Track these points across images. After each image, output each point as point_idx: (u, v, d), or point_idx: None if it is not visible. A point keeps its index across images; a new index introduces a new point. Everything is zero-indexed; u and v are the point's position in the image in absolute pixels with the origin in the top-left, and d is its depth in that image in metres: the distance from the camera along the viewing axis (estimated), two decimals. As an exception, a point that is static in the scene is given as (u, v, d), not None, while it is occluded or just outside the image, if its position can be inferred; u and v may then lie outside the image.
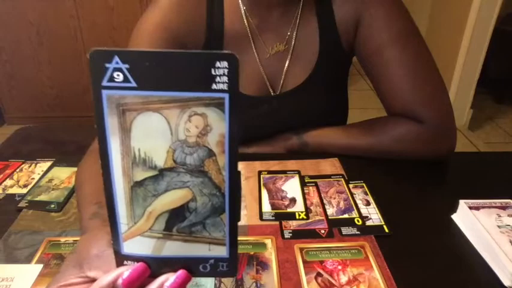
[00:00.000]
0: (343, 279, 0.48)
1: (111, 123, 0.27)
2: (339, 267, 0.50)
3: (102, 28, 2.31)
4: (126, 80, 0.26)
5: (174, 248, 0.31)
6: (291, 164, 0.71)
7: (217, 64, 0.25)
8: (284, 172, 0.69)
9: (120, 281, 0.31)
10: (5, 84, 2.43)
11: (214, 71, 0.25)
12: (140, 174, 0.29)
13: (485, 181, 0.70)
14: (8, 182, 0.68)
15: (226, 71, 0.25)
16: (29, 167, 0.72)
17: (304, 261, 0.51)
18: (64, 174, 0.69)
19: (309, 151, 0.75)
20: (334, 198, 0.63)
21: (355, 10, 0.71)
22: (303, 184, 0.66)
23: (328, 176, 0.68)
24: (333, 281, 0.48)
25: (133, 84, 0.26)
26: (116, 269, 0.32)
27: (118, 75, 0.26)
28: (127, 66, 0.26)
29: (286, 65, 0.75)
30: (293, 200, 0.62)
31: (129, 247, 0.31)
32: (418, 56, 0.71)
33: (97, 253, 0.34)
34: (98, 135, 0.28)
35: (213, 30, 0.70)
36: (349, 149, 0.73)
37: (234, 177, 0.29)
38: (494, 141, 2.47)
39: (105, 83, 0.26)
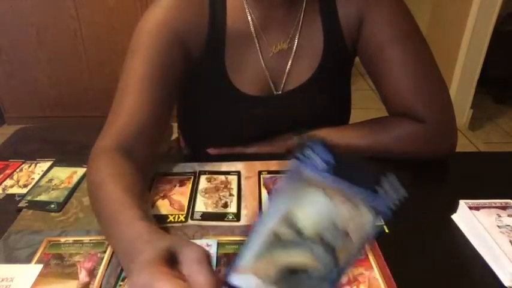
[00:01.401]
0: (343, 279, 0.48)
1: (292, 187, 0.35)
2: (339, 267, 0.50)
3: (102, 28, 2.30)
4: (326, 170, 0.34)
5: None
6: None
7: (394, 182, 0.34)
8: (284, 172, 0.68)
9: None
10: (5, 84, 2.43)
11: (387, 186, 0.34)
12: (286, 233, 0.34)
13: (485, 181, 0.70)
14: (8, 182, 0.68)
15: (397, 193, 0.34)
16: (29, 167, 0.72)
17: (304, 261, 0.50)
18: (64, 174, 0.69)
19: (309, 151, 0.75)
20: (334, 198, 0.62)
21: (358, 9, 0.71)
22: (303, 184, 0.66)
23: (328, 176, 0.68)
24: (333, 281, 0.48)
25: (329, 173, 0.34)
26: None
27: (321, 163, 0.34)
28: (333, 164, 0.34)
29: (289, 64, 0.74)
30: (293, 200, 0.62)
31: (237, 279, 0.33)
32: (420, 55, 0.71)
33: (198, 261, 0.35)
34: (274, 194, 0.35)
35: (215, 28, 0.70)
36: (350, 149, 0.73)
37: (351, 264, 0.33)
38: (494, 141, 2.47)
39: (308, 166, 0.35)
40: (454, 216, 0.59)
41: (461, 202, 0.58)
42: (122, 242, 0.43)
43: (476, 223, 0.54)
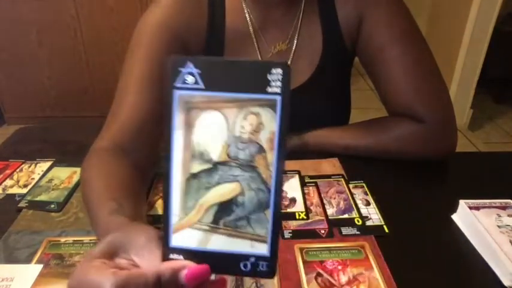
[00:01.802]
0: (343, 279, 0.48)
1: (178, 119, 0.31)
2: (339, 267, 0.50)
3: (102, 28, 2.30)
4: (196, 82, 0.31)
5: (219, 243, 0.32)
6: (291, 164, 0.71)
7: (273, 71, 0.30)
8: (284, 172, 0.68)
9: (184, 273, 0.31)
10: (5, 84, 2.43)
11: (270, 77, 0.30)
12: (196, 167, 0.32)
13: (485, 181, 0.70)
14: (8, 182, 0.68)
15: (280, 76, 0.30)
16: (29, 167, 0.72)
17: (304, 261, 0.51)
18: (64, 174, 0.69)
19: (309, 151, 0.75)
20: (334, 198, 0.63)
21: (358, 9, 0.71)
22: (303, 184, 0.66)
23: (328, 176, 0.68)
24: (333, 281, 0.48)
25: (202, 86, 0.31)
26: (178, 261, 0.32)
27: (190, 78, 0.31)
28: (199, 71, 0.31)
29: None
30: (293, 200, 0.62)
31: (177, 240, 0.32)
32: (419, 55, 0.71)
33: (145, 241, 0.34)
34: (164, 129, 0.32)
35: (214, 29, 0.70)
36: (350, 149, 0.73)
37: (280, 174, 0.31)
38: (494, 141, 2.47)
39: (178, 84, 0.31)
40: (454, 216, 0.59)
41: (461, 202, 0.58)
42: (96, 237, 0.44)
43: (476, 223, 0.54)
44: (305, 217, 0.58)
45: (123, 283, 0.29)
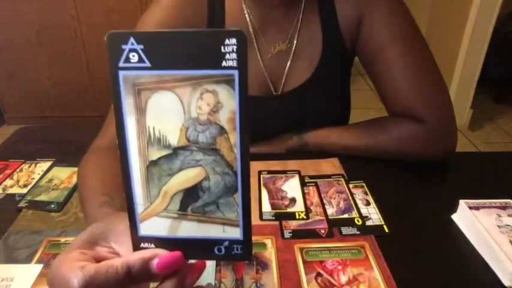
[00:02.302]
0: (343, 279, 0.48)
1: (128, 103, 0.28)
2: (339, 267, 0.50)
3: (102, 28, 2.29)
4: (141, 60, 0.27)
5: (190, 229, 0.31)
6: (291, 164, 0.71)
7: (227, 41, 0.26)
8: (284, 172, 0.69)
9: (155, 262, 0.30)
10: (5, 84, 2.43)
11: (224, 49, 0.26)
12: (155, 154, 0.30)
13: (485, 181, 0.70)
14: (8, 182, 0.68)
15: (235, 48, 0.26)
16: (29, 167, 0.72)
17: (304, 261, 0.51)
18: (64, 174, 0.69)
19: (309, 151, 0.75)
20: (334, 198, 0.63)
21: (357, 9, 0.71)
22: (303, 184, 0.66)
23: (328, 176, 0.68)
24: (333, 281, 0.48)
25: (148, 64, 0.27)
26: (148, 250, 0.31)
27: (133, 56, 0.27)
28: (141, 47, 0.27)
29: (288, 65, 0.75)
30: (293, 200, 0.62)
31: (146, 229, 0.31)
32: (419, 55, 0.71)
33: (124, 229, 0.33)
34: (114, 115, 0.29)
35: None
36: (350, 149, 0.73)
37: (246, 156, 0.29)
38: (494, 141, 2.47)
39: (121, 64, 0.27)
40: (454, 216, 0.59)
41: (461, 202, 0.58)
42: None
43: (476, 223, 0.54)
44: (305, 217, 0.58)
45: (91, 279, 0.28)
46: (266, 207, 0.60)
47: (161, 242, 0.31)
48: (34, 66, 2.38)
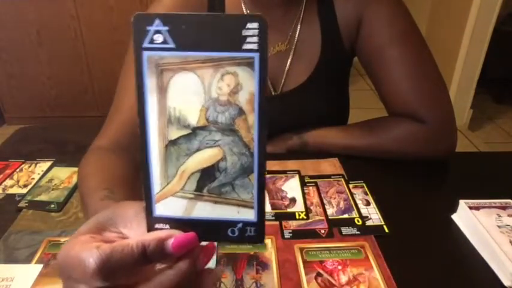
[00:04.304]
0: (343, 279, 0.48)
1: (150, 82, 0.29)
2: (339, 267, 0.50)
3: (102, 28, 2.30)
4: (165, 41, 0.28)
5: (204, 210, 0.31)
6: (291, 164, 0.71)
7: (248, 25, 0.27)
8: (284, 172, 0.69)
9: (170, 242, 0.30)
10: (5, 84, 2.43)
11: (246, 32, 0.27)
12: (175, 133, 0.30)
13: (485, 181, 0.70)
14: (8, 182, 0.68)
15: (256, 31, 0.27)
16: (29, 167, 0.72)
17: (304, 261, 0.51)
18: (64, 174, 0.69)
19: (309, 151, 0.75)
20: (334, 198, 0.63)
21: (357, 10, 0.71)
22: (303, 184, 0.66)
23: (328, 176, 0.68)
24: (333, 281, 0.48)
25: (172, 45, 0.28)
26: (164, 231, 0.31)
27: (158, 37, 0.28)
28: (167, 28, 0.28)
29: (287, 65, 0.75)
30: (293, 200, 0.62)
31: (161, 209, 0.31)
32: (419, 55, 0.71)
33: (134, 214, 0.33)
34: (136, 95, 0.30)
35: None
36: (350, 149, 0.73)
37: (263, 137, 0.29)
38: (494, 141, 2.47)
39: (146, 44, 0.28)
40: (454, 216, 0.59)
41: (461, 202, 0.58)
42: None
43: (476, 223, 0.54)
44: (305, 217, 0.58)
45: (108, 257, 0.28)
46: (266, 207, 0.60)
47: (175, 223, 0.31)
48: (34, 66, 2.38)
